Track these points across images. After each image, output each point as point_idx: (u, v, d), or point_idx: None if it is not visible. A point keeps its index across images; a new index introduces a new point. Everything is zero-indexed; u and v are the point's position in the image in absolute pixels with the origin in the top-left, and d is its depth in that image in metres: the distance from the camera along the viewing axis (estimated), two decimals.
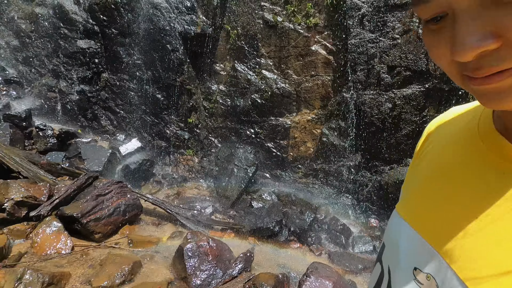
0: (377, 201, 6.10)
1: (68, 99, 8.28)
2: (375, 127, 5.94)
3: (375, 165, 6.17)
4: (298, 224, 5.56)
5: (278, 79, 6.94)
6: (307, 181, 6.81)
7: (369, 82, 5.94)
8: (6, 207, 4.28)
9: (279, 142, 7.07)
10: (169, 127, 7.83)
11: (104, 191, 5.04)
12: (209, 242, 4.22)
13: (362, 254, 5.28)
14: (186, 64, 7.49)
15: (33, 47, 8.90)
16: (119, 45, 7.85)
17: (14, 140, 6.61)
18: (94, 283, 3.54)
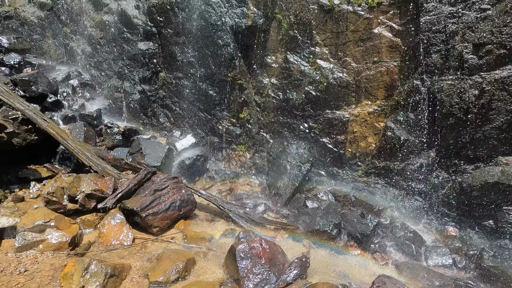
0: (457, 206, 5.17)
1: (131, 99, 8.89)
2: (455, 119, 5.00)
3: (454, 163, 5.23)
4: (359, 228, 5.00)
5: (335, 68, 6.36)
6: (368, 180, 6.14)
7: (448, 66, 5.01)
8: (78, 199, 4.67)
9: (335, 137, 6.51)
10: (221, 123, 7.85)
11: (161, 186, 5.20)
12: (262, 243, 4.00)
13: (438, 268, 4.51)
14: (237, 58, 7.37)
15: (102, 52, 9.78)
16: (174, 44, 8.10)
17: (87, 137, 7.31)
18: (151, 278, 3.61)
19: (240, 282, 3.67)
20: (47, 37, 11.04)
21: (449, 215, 5.27)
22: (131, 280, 3.62)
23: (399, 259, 4.75)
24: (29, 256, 3.65)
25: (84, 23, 10.24)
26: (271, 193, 6.39)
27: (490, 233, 4.80)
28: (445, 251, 4.71)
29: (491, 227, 4.80)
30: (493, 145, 4.79)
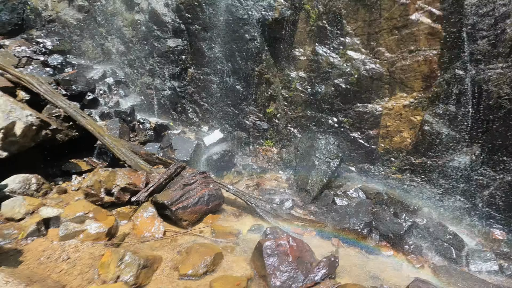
0: (504, 207, 4.71)
1: (162, 95, 9.18)
2: (505, 111, 4.53)
3: (502, 160, 4.76)
4: (392, 228, 4.75)
5: (367, 59, 6.03)
6: (403, 177, 5.80)
7: (497, 53, 4.52)
8: (114, 192, 4.93)
9: (367, 132, 6.22)
10: (248, 118, 7.84)
11: (190, 181, 5.32)
12: (289, 241, 3.95)
13: (481, 274, 4.16)
14: (264, 52, 7.27)
15: (135, 50, 10.17)
16: (202, 40, 8.18)
17: (121, 132, 7.68)
18: (180, 270, 3.72)
19: (266, 279, 3.66)
20: (85, 38, 11.71)
21: (495, 216, 4.83)
22: (162, 271, 3.76)
23: (436, 262, 4.46)
24: (71, 245, 3.92)
25: (118, 23, 10.70)
26: (298, 189, 6.29)
27: None
28: (490, 256, 4.33)
29: None
30: None
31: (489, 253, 4.38)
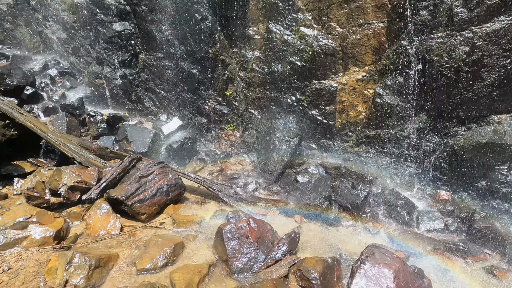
0: (449, 169, 5.07)
1: (113, 84, 8.56)
2: (446, 79, 4.76)
3: (445, 126, 5.06)
4: (350, 199, 4.94)
5: (320, 35, 6.00)
6: (359, 150, 6.00)
7: (437, 22, 4.68)
8: (61, 192, 4.56)
9: (324, 108, 6.29)
10: (208, 103, 7.59)
11: (146, 173, 5.08)
12: (249, 223, 3.94)
13: (430, 233, 4.50)
14: (217, 32, 6.96)
15: (78, 37, 9.29)
16: (150, 22, 7.63)
17: (70, 127, 7.10)
18: (138, 266, 3.58)
19: (228, 262, 3.64)
20: (20, 25, 10.46)
21: (441, 179, 5.19)
22: (118, 269, 3.59)
23: (391, 227, 4.73)
24: (13, 254, 3.60)
25: (56, 7, 9.65)
26: (261, 170, 6.29)
27: (482, 194, 4.73)
28: (437, 215, 4.67)
29: (483, 188, 4.72)
30: (485, 104, 4.59)
31: (436, 213, 4.73)
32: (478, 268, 3.87)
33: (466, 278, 3.64)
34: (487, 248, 4.18)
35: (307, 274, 3.25)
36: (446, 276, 3.69)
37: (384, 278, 3.05)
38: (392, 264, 3.17)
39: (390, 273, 3.07)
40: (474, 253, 4.07)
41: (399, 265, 3.19)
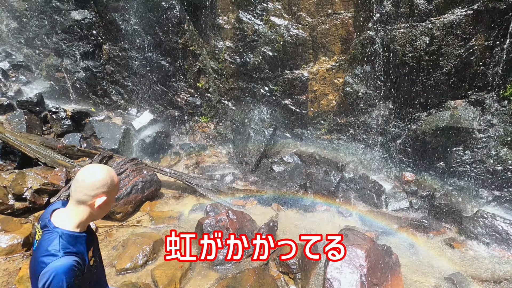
0: (413, 152, 5.44)
1: (76, 77, 8.04)
2: (408, 68, 5.04)
3: (409, 112, 5.39)
4: (324, 185, 5.16)
5: (290, 25, 6.03)
6: (332, 137, 6.24)
7: (400, 13, 4.90)
8: (26, 196, 4.30)
9: (297, 98, 6.41)
10: (179, 95, 7.41)
11: (119, 171, 4.92)
12: (228, 215, 4.00)
13: (397, 212, 4.86)
14: (186, 22, 6.74)
15: (31, 26, 8.53)
16: (113, 10, 7.19)
17: (30, 126, 6.62)
18: (117, 266, 3.52)
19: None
20: None
21: (406, 161, 5.57)
22: None
23: (362, 209, 5.03)
24: None
25: None
26: (238, 161, 6.34)
27: (441, 174, 5.16)
28: (402, 195, 5.04)
29: (442, 168, 5.15)
30: (443, 91, 4.94)
31: (402, 193, 5.10)
32: (438, 241, 4.27)
33: (428, 250, 4.01)
34: (446, 222, 4.61)
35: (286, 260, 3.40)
36: (411, 250, 4.04)
37: (357, 257, 3.28)
38: (364, 244, 3.41)
39: (362, 252, 3.30)
40: (435, 228, 4.48)
41: (370, 245, 3.44)
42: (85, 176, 1.43)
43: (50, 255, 1.29)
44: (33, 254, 1.39)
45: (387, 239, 4.17)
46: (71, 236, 1.38)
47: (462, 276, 3.52)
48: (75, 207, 1.44)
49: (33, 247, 1.43)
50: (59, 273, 1.25)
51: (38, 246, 1.35)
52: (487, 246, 4.05)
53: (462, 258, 3.95)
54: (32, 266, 1.37)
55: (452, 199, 4.68)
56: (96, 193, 1.43)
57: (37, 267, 1.29)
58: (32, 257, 1.41)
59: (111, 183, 1.47)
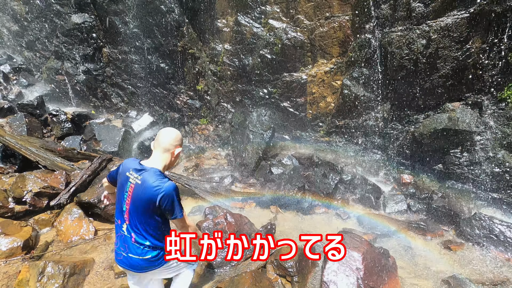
0: (411, 155, 5.46)
1: (76, 80, 8.09)
2: (406, 71, 5.06)
3: (407, 114, 5.42)
4: (322, 188, 5.18)
5: (288, 28, 6.06)
6: (330, 139, 6.26)
7: (397, 16, 4.93)
8: (26, 199, 4.34)
9: (295, 100, 6.44)
10: (179, 97, 7.45)
11: None
12: (226, 218, 4.02)
13: (395, 214, 4.87)
14: (185, 25, 6.78)
15: (32, 29, 8.60)
16: (113, 14, 7.25)
17: (31, 129, 6.66)
18: (116, 269, 3.54)
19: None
20: None
21: (404, 163, 5.59)
22: (95, 274, 3.54)
23: (360, 211, 5.04)
24: None
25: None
26: (237, 164, 6.37)
27: (439, 176, 5.18)
28: (400, 198, 5.05)
29: (440, 170, 5.16)
30: (441, 93, 4.96)
31: (400, 195, 5.11)
32: (436, 243, 4.28)
33: (425, 253, 4.03)
34: (444, 224, 4.62)
35: (283, 263, 3.42)
36: (409, 253, 4.06)
37: (353, 260, 3.29)
38: (361, 247, 3.43)
39: (359, 255, 3.32)
40: (433, 230, 4.49)
41: (367, 248, 3.46)
42: (169, 133, 2.01)
43: (160, 181, 1.88)
44: (140, 187, 1.91)
45: (384, 241, 4.18)
46: (162, 173, 1.96)
47: (459, 278, 3.53)
48: (161, 155, 1.99)
49: (132, 188, 1.94)
50: (173, 188, 1.90)
51: (144, 182, 1.90)
52: (485, 248, 4.06)
53: (459, 260, 3.96)
54: (142, 194, 1.91)
55: (449, 201, 4.69)
56: (176, 144, 2.01)
57: (152, 191, 1.87)
58: (138, 190, 1.92)
59: (182, 139, 2.09)
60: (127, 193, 1.96)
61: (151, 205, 1.90)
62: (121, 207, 2.01)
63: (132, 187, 1.94)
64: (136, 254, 2.02)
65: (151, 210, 1.92)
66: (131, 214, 1.97)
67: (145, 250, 2.02)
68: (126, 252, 2.05)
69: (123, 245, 2.07)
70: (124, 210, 2.00)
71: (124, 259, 2.07)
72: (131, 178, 1.95)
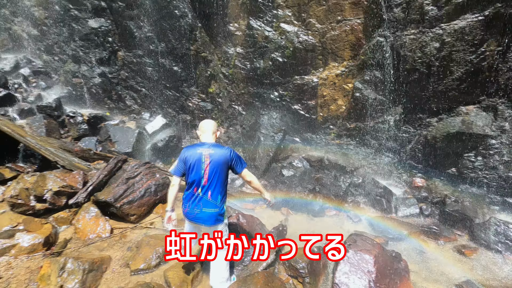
0: (423, 158, 5.42)
1: (92, 83, 8.34)
2: (419, 74, 5.04)
3: (419, 118, 5.38)
4: (333, 190, 5.20)
5: (300, 31, 6.12)
6: (341, 142, 6.26)
7: (410, 19, 4.92)
8: (46, 198, 4.50)
9: (306, 103, 6.48)
10: (191, 100, 7.59)
11: (133, 174, 5.08)
12: (239, 218, 4.09)
13: (406, 218, 4.84)
14: (198, 29, 6.92)
15: (51, 34, 8.91)
16: (128, 18, 7.45)
17: (49, 130, 6.91)
18: (132, 266, 3.65)
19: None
20: None
21: (416, 167, 5.55)
22: (112, 271, 3.65)
23: (371, 214, 5.03)
24: (2, 263, 3.56)
25: (25, 3, 9.16)
26: (248, 165, 6.43)
27: (453, 180, 5.12)
28: (412, 201, 5.02)
29: (453, 174, 5.11)
30: (454, 96, 4.92)
31: (412, 199, 5.08)
32: (449, 248, 4.24)
33: (438, 257, 3.99)
34: (457, 229, 4.57)
35: (295, 264, 3.46)
36: (421, 257, 4.03)
37: (365, 263, 3.31)
38: (373, 250, 3.44)
39: (371, 258, 3.33)
40: (446, 235, 4.45)
41: (379, 251, 3.47)
42: (211, 122, 2.91)
43: (224, 147, 2.77)
44: (215, 154, 2.70)
45: (396, 245, 4.17)
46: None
47: (473, 284, 3.50)
48: (211, 135, 2.83)
49: (208, 158, 2.69)
50: (233, 150, 2.77)
51: (216, 150, 2.72)
52: (499, 253, 4.01)
53: (473, 265, 3.92)
54: (219, 157, 2.70)
55: (463, 205, 4.64)
56: (217, 128, 2.90)
57: (225, 153, 2.70)
58: (215, 156, 2.70)
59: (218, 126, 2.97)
60: (204, 163, 2.69)
61: (226, 162, 2.71)
62: (199, 176, 2.71)
63: (208, 157, 2.69)
64: (212, 207, 2.75)
65: (226, 167, 2.72)
66: (210, 176, 2.69)
67: (217, 204, 2.77)
68: (200, 208, 2.75)
69: (197, 205, 2.77)
70: (202, 177, 2.70)
71: (198, 215, 2.78)
72: (203, 153, 2.70)
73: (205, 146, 2.74)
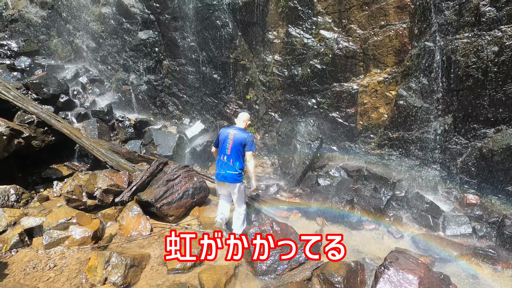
0: (477, 173, 4.92)
1: (139, 90, 8.97)
2: (473, 80, 4.63)
3: (473, 128, 4.92)
4: (373, 202, 4.92)
5: (340, 38, 5.99)
6: (382, 152, 5.95)
7: (463, 22, 4.56)
8: (96, 195, 4.90)
9: (345, 111, 6.28)
10: (229, 106, 7.79)
11: (173, 176, 5.32)
12: (272, 226, 4.05)
13: (457, 238, 4.41)
14: (238, 38, 7.12)
15: (106, 45, 9.81)
16: (173, 30, 7.93)
17: (101, 133, 7.54)
18: (169, 266, 3.79)
19: (253, 264, 3.77)
20: (53, 36, 11.18)
21: (469, 182, 5.05)
22: (151, 268, 3.83)
23: (415, 231, 4.67)
24: (57, 252, 3.93)
25: (85, 18, 10.23)
26: (283, 173, 6.39)
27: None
28: (464, 220, 4.56)
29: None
30: None
31: (464, 217, 4.61)
32: (508, 275, 3.77)
33: (495, 285, 3.56)
34: None
35: (330, 277, 3.32)
36: (473, 282, 3.63)
37: (408, 284, 3.06)
38: (417, 270, 3.17)
39: (415, 279, 3.07)
40: (504, 260, 3.96)
41: (424, 271, 3.19)
42: (245, 114, 4.08)
43: (245, 132, 3.90)
44: (237, 135, 3.86)
45: (444, 266, 3.80)
46: (245, 130, 3.98)
47: None
48: (242, 123, 4.00)
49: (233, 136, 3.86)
50: (251, 135, 3.87)
51: (238, 133, 3.87)
52: None
53: None
54: (238, 138, 3.83)
55: None
56: (248, 119, 4.07)
57: (243, 136, 3.84)
58: (237, 136, 3.85)
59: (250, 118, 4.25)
60: (229, 139, 3.84)
61: (243, 143, 3.82)
62: (225, 148, 3.87)
63: (232, 136, 3.84)
64: (232, 170, 3.88)
65: (242, 146, 3.82)
66: (232, 149, 3.83)
67: (236, 169, 3.89)
68: (225, 170, 3.90)
69: (223, 168, 3.91)
70: (227, 148, 3.85)
71: (223, 174, 3.93)
72: (230, 133, 3.87)
73: (233, 128, 3.91)
